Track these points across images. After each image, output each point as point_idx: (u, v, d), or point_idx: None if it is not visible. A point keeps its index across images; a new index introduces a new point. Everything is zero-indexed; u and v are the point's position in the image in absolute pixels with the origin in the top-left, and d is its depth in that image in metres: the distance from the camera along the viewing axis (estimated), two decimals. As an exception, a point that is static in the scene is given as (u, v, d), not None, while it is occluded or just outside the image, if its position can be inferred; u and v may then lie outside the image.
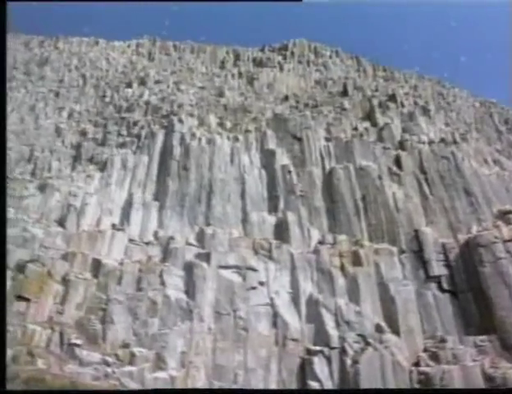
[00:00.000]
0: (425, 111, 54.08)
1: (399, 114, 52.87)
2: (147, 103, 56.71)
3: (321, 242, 38.33)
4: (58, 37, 79.48)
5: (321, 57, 76.17)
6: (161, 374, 28.82)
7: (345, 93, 60.40)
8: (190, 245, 36.58)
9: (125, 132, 51.20)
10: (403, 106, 54.94)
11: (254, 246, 36.61)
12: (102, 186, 42.39)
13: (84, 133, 52.69)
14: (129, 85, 62.95)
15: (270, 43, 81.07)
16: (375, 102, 55.00)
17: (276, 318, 32.72)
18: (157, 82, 63.89)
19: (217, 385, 29.49)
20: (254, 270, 34.55)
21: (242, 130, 48.87)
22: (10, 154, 49.54)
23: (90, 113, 58.00)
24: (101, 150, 48.20)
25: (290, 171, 43.56)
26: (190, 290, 32.84)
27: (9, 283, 30.34)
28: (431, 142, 47.07)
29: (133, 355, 29.16)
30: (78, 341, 28.87)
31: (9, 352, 25.73)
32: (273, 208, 41.47)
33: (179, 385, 28.62)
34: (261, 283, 34.21)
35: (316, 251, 36.96)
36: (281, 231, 39.00)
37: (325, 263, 36.03)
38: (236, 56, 75.69)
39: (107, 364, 28.38)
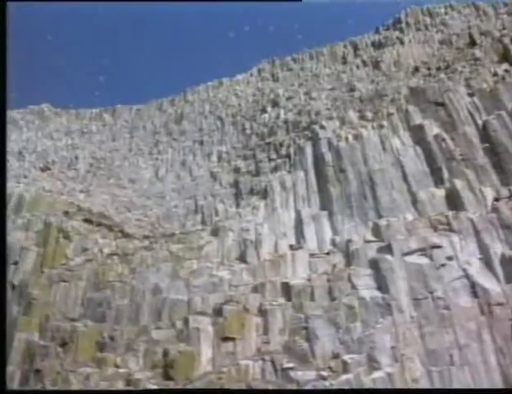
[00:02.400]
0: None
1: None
2: (285, 121, 57.67)
3: (497, 199, 36.71)
4: (185, 91, 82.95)
5: (437, 16, 73.52)
6: (377, 374, 28.86)
7: (472, 43, 57.89)
8: (369, 242, 36.46)
9: (274, 156, 52.38)
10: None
11: (432, 224, 35.86)
12: (269, 213, 43.52)
13: (237, 169, 54.55)
14: (263, 111, 64.35)
15: (382, 22, 79.68)
16: (506, 40, 52.21)
17: (474, 288, 31.72)
18: (288, 99, 64.80)
19: (434, 370, 29.14)
20: (439, 247, 33.76)
21: (384, 115, 48.23)
22: (178, 211, 52.42)
23: (237, 149, 59.95)
24: (258, 180, 49.63)
25: (443, 139, 42.35)
26: (382, 285, 32.76)
27: (210, 328, 32.01)
28: None
29: (345, 363, 29.45)
30: (290, 365, 29.60)
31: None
32: (439, 181, 40.45)
33: (397, 380, 28.53)
34: (449, 258, 33.37)
35: (494, 209, 35.51)
36: (454, 201, 37.92)
37: (507, 218, 34.53)
38: (354, 46, 74.92)
39: (323, 378, 28.85)
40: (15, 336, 34.76)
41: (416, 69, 58.60)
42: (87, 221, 46.25)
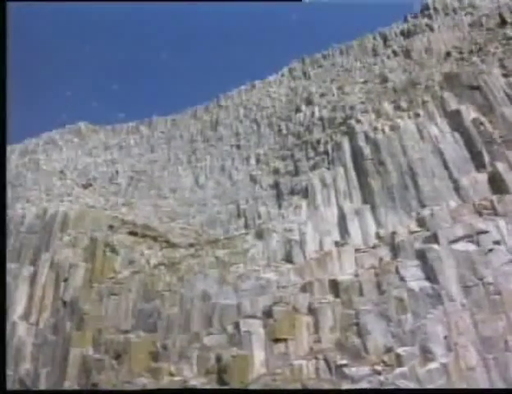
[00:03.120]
0: None
1: None
2: (320, 118, 57.58)
3: (541, 178, 36.24)
4: (218, 96, 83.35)
5: (464, -2, 72.58)
6: (432, 365, 28.55)
7: (503, 22, 57.01)
8: (414, 232, 36.14)
9: (312, 154, 52.33)
10: None
11: (476, 209, 35.39)
12: (311, 212, 43.45)
13: (276, 171, 54.67)
14: (298, 110, 64.34)
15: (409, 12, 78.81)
16: (537, 15, 51.42)
17: (524, 271, 31.34)
18: (321, 96, 64.66)
19: (490, 357, 28.72)
20: (485, 232, 33.25)
21: (419, 103, 47.76)
22: (221, 217, 52.75)
23: (274, 150, 60.07)
24: (298, 179, 49.64)
25: (481, 123, 41.80)
26: (431, 275, 32.40)
27: (261, 331, 32.08)
28: None
29: (399, 356, 29.23)
30: (344, 361, 29.54)
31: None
32: (480, 165, 39.91)
33: (452, 370, 28.26)
34: (496, 242, 32.86)
35: (540, 189, 35.03)
36: (497, 184, 37.34)
37: (553, 197, 33.99)
38: (384, 37, 74.33)
39: (378, 373, 28.69)
40: (70, 352, 35.44)
41: (448, 54, 57.93)
42: (132, 233, 46.86)
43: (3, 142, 17.90)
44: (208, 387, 29.77)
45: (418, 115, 45.85)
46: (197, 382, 30.13)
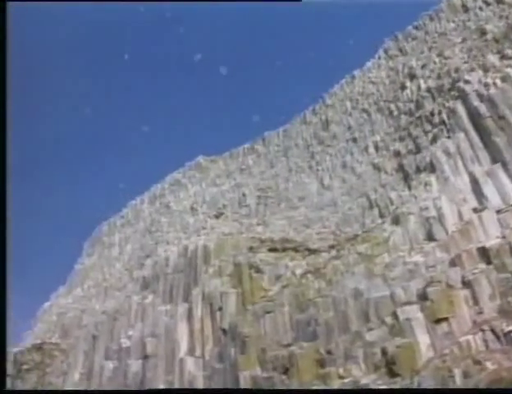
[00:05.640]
0: None
1: None
2: (428, 90, 56.15)
3: None
4: (323, 96, 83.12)
5: None
6: None
7: None
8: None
9: (429, 127, 51.20)
10: None
11: None
12: (442, 185, 42.56)
13: (397, 153, 53.97)
14: (403, 87, 63.06)
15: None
16: None
17: None
18: (423, 67, 63.02)
19: None
20: None
21: (525, 47, 45.84)
22: (354, 212, 52.65)
23: (390, 134, 59.27)
24: (421, 156, 48.73)
25: None
26: None
27: (420, 315, 31.68)
28: None
29: None
30: (511, 327, 28.64)
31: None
32: None
33: None
34: None
35: None
36: None
37: None
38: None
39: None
40: (239, 376, 36.51)
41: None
42: (272, 250, 47.74)
43: (3, 140, 18.32)
44: (378, 382, 29.74)
45: (526, 59, 43.98)
46: (368, 380, 30.20)
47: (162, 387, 40.83)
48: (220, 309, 42.76)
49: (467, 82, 47.28)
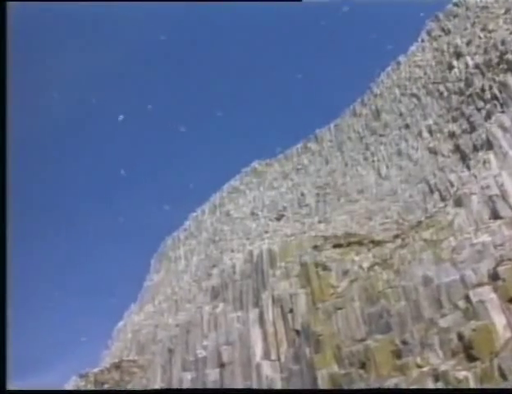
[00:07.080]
0: None
1: None
2: (476, 66, 55.25)
3: None
4: (370, 87, 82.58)
5: None
6: None
7: None
8: None
9: (481, 104, 50.44)
10: None
11: None
12: (501, 161, 41.89)
13: (452, 134, 53.35)
14: (451, 67, 62.17)
15: None
16: None
17: None
18: (468, 44, 62.09)
19: None
20: None
21: None
22: (415, 199, 52.21)
23: (443, 116, 58.56)
24: (476, 134, 48.10)
25: None
26: None
27: (493, 295, 31.10)
28: None
29: None
30: None
31: None
32: None
33: None
34: None
35: None
36: None
37: None
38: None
39: None
40: (317, 375, 36.55)
41: None
42: (337, 246, 47.68)
43: (3, 139, 18.58)
44: (458, 367, 29.35)
45: None
46: (447, 367, 29.81)
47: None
48: (291, 310, 42.93)
49: (515, 52, 46.51)
